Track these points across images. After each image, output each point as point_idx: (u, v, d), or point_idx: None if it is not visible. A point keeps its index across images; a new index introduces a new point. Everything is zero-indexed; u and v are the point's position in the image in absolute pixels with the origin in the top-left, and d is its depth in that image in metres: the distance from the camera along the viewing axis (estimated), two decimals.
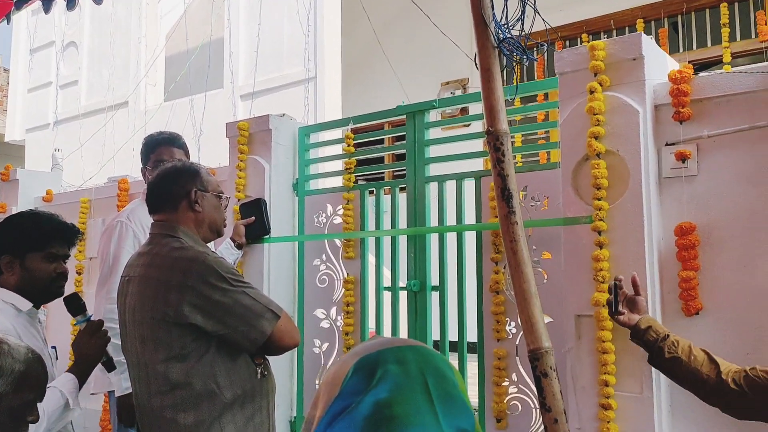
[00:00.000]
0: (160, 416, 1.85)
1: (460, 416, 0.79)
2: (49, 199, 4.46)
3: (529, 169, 2.66)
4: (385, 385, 0.77)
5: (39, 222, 2.07)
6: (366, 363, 0.80)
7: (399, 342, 0.85)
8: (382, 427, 0.73)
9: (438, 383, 0.80)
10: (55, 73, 8.49)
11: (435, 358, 0.83)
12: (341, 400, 0.78)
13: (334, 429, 0.76)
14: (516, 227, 1.81)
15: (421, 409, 0.76)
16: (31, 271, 2.02)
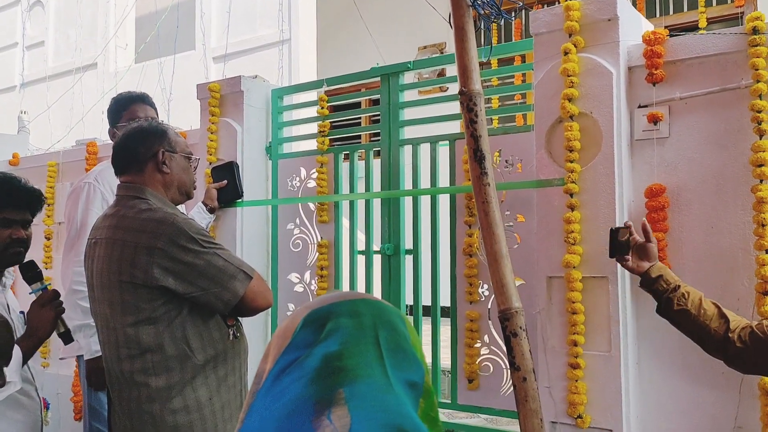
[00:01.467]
0: (131, 380, 1.84)
1: (410, 369, 0.78)
2: (16, 162, 4.36)
3: (504, 131, 2.65)
4: (336, 337, 0.76)
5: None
6: (317, 316, 0.79)
7: (352, 295, 0.84)
8: (330, 379, 0.73)
9: (389, 336, 0.79)
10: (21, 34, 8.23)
11: (388, 311, 0.82)
12: (291, 352, 0.77)
13: (283, 381, 0.75)
14: (488, 188, 1.80)
15: (371, 362, 0.75)
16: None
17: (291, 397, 0.72)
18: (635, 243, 1.93)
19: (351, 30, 6.81)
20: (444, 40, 7.09)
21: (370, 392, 0.72)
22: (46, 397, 3.46)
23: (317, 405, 0.70)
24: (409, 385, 0.76)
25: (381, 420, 0.69)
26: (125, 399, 1.85)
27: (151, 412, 1.81)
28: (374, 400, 0.71)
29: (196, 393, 1.83)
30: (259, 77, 3.35)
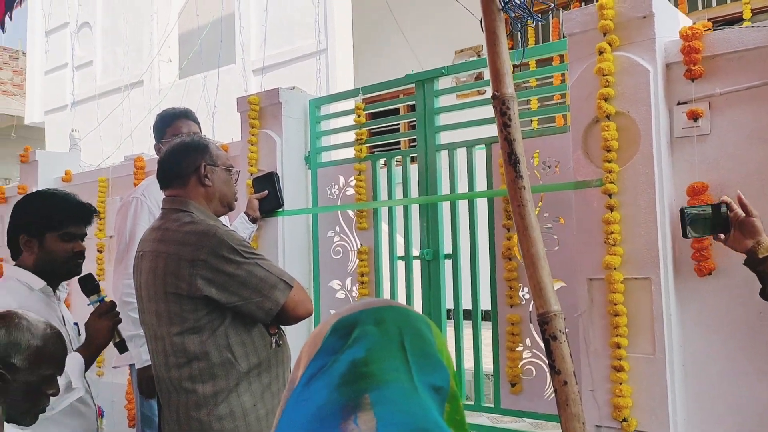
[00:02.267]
0: (179, 387, 1.90)
1: (435, 374, 0.80)
2: (68, 179, 4.53)
3: (540, 133, 2.64)
4: (362, 344, 0.78)
5: (56, 202, 2.10)
6: (344, 323, 0.82)
7: (379, 303, 0.86)
8: (357, 384, 0.75)
9: (415, 342, 0.81)
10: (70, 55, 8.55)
11: (414, 317, 0.84)
12: (319, 359, 0.79)
13: (312, 386, 0.77)
14: (523, 192, 1.80)
15: (396, 367, 0.77)
16: (49, 251, 2.04)
17: (319, 402, 0.75)
18: (737, 219, 1.75)
19: (387, 37, 6.85)
20: (481, 42, 7.06)
21: (395, 397, 0.74)
22: (101, 405, 3.58)
23: (344, 410, 0.72)
24: (434, 390, 0.78)
25: (406, 423, 0.71)
26: (174, 406, 1.91)
27: (199, 419, 1.86)
28: (400, 405, 0.73)
29: (241, 399, 1.88)
30: (296, 88, 3.42)
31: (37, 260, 2.05)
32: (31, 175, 4.61)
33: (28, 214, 2.07)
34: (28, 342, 1.55)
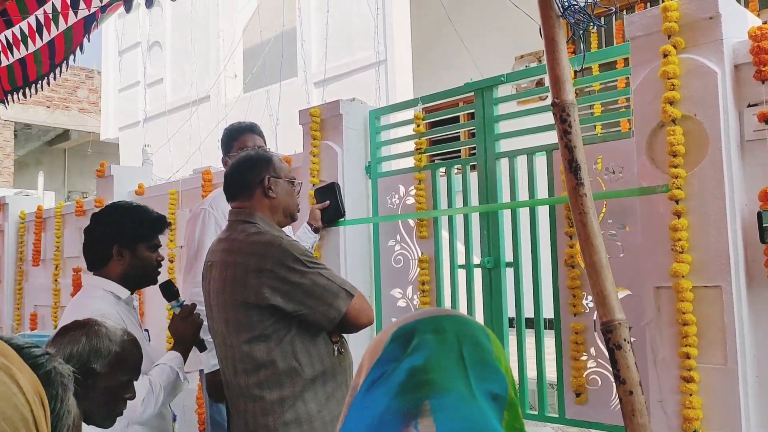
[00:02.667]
0: (247, 394, 1.96)
1: (493, 382, 0.80)
2: (141, 192, 4.73)
3: (603, 139, 2.59)
4: (421, 352, 0.80)
5: (145, 214, 2.20)
6: (403, 332, 0.84)
7: (437, 312, 0.88)
8: (416, 392, 0.76)
9: (473, 351, 0.82)
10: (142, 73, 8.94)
11: (472, 326, 0.86)
12: (379, 366, 0.82)
13: (373, 393, 0.80)
14: (585, 199, 1.78)
15: (455, 375, 0.79)
16: (140, 261, 2.13)
17: (380, 408, 0.77)
18: None
19: (446, 45, 6.86)
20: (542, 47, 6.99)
21: (454, 404, 0.75)
22: (173, 410, 3.72)
23: (404, 416, 0.74)
24: (492, 397, 0.79)
25: (466, 430, 0.72)
26: (243, 411, 1.98)
27: (266, 425, 1.91)
28: (458, 412, 0.75)
29: (307, 406, 1.92)
30: (356, 100, 3.47)
31: (126, 270, 2.13)
32: (107, 188, 4.84)
33: (123, 225, 2.14)
34: (108, 348, 1.63)
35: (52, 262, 5.42)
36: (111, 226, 2.14)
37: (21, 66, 4.14)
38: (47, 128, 15.31)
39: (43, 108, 14.48)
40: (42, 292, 5.59)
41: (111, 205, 2.27)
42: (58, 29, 3.70)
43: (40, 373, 0.68)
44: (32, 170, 15.72)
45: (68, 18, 3.54)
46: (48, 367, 0.70)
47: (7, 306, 5.93)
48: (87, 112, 15.13)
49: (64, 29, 3.68)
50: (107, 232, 2.13)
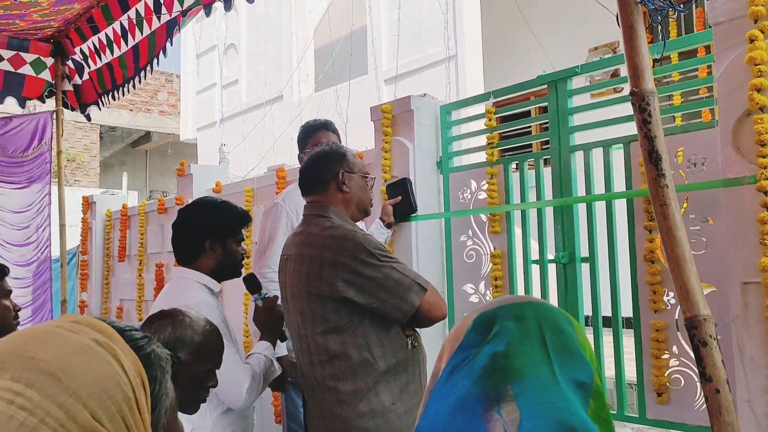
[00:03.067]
0: (323, 384, 2.00)
1: (577, 369, 0.79)
2: (218, 190, 4.89)
3: (684, 129, 2.49)
4: (502, 338, 0.80)
5: (232, 210, 2.28)
6: (484, 318, 0.84)
7: (519, 299, 0.87)
8: (498, 376, 0.76)
9: (555, 337, 0.81)
10: (218, 75, 9.23)
11: (554, 313, 0.85)
12: (460, 352, 0.82)
13: (454, 378, 0.80)
14: (666, 191, 1.72)
15: (537, 361, 0.78)
16: (230, 254, 2.21)
17: (461, 393, 0.78)
18: None
19: (517, 38, 6.76)
20: (616, 38, 6.78)
21: (537, 390, 0.75)
22: None
23: (486, 401, 0.75)
24: (577, 385, 0.78)
25: (550, 416, 0.72)
26: (318, 402, 2.02)
27: (342, 415, 1.95)
28: (542, 398, 0.74)
29: (380, 398, 1.95)
30: (427, 95, 3.48)
31: (217, 263, 2.20)
32: (187, 187, 5.03)
33: (213, 220, 2.22)
34: (191, 338, 1.70)
35: (136, 258, 5.69)
36: (202, 221, 2.21)
37: (108, 70, 4.37)
38: (130, 130, 16.06)
39: (126, 111, 15.19)
40: (127, 286, 5.87)
41: (198, 200, 2.34)
42: (143, 34, 3.88)
43: (141, 355, 0.71)
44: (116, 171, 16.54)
45: (152, 23, 3.70)
46: (148, 349, 0.73)
47: (96, 300, 6.26)
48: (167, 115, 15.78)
49: (148, 34, 3.85)
50: (198, 227, 2.20)
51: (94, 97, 4.60)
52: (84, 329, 0.68)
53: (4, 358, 0.63)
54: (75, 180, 14.20)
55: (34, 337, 0.66)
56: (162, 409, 0.72)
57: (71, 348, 0.65)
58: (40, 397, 0.60)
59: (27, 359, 0.63)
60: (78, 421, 0.61)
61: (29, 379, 0.61)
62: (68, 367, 0.63)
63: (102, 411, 0.63)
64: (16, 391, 0.60)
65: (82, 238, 6.47)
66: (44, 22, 4.18)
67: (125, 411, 0.65)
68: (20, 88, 4.48)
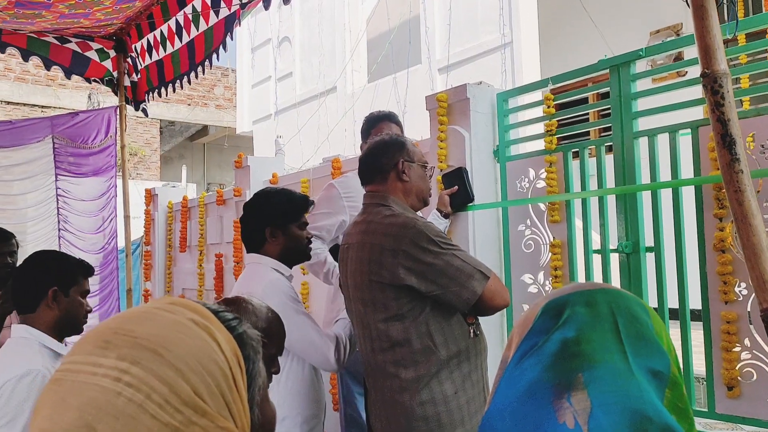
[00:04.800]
0: (384, 371, 2.01)
1: (652, 357, 0.76)
2: (275, 181, 4.95)
3: (756, 113, 2.38)
4: (573, 324, 0.78)
5: (291, 196, 2.36)
6: (555, 304, 0.82)
7: (590, 285, 0.85)
8: (569, 363, 0.74)
9: (629, 324, 0.78)
10: (273, 68, 9.34)
11: (627, 299, 0.82)
12: (530, 338, 0.80)
13: (524, 365, 0.78)
14: (741, 176, 1.65)
15: (609, 348, 0.75)
16: (293, 239, 2.29)
17: (530, 379, 0.76)
18: None
19: (574, 24, 6.59)
20: (680, 20, 6.54)
21: (609, 377, 0.72)
22: None
23: (556, 388, 0.73)
24: (651, 374, 0.75)
25: (622, 405, 0.69)
26: (380, 389, 2.03)
27: (403, 402, 1.95)
28: (614, 386, 0.72)
29: (442, 386, 1.94)
30: (483, 83, 3.43)
31: (283, 249, 2.28)
32: (244, 178, 5.11)
33: (272, 208, 2.29)
34: (255, 324, 1.72)
35: (197, 249, 5.83)
36: (258, 211, 2.29)
37: (158, 67, 4.47)
38: (188, 124, 16.46)
39: (185, 106, 15.57)
40: (188, 276, 6.03)
41: (258, 192, 2.42)
42: (198, 30, 3.95)
43: (234, 335, 0.73)
44: (176, 164, 16.99)
45: (209, 18, 3.77)
46: (240, 330, 0.75)
47: (159, 289, 6.46)
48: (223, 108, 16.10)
49: (205, 29, 3.92)
50: (256, 216, 2.29)
51: (142, 95, 4.73)
52: (181, 310, 0.71)
53: (109, 338, 0.66)
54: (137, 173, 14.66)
55: (134, 318, 0.69)
56: (256, 387, 0.74)
57: (170, 326, 0.68)
58: (145, 373, 0.63)
59: (130, 338, 0.66)
60: (181, 396, 0.63)
61: (134, 357, 0.64)
62: (168, 343, 0.66)
63: (203, 386, 0.65)
64: (122, 368, 0.63)
65: (145, 230, 6.68)
66: (107, 20, 4.31)
67: (224, 387, 0.67)
68: (85, 69, 4.66)
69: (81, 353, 0.66)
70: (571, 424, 0.70)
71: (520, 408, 0.75)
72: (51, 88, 13.62)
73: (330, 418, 4.07)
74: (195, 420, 0.63)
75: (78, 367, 0.65)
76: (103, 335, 0.67)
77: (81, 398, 0.62)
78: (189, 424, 0.63)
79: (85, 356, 0.66)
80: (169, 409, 0.62)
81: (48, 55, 4.45)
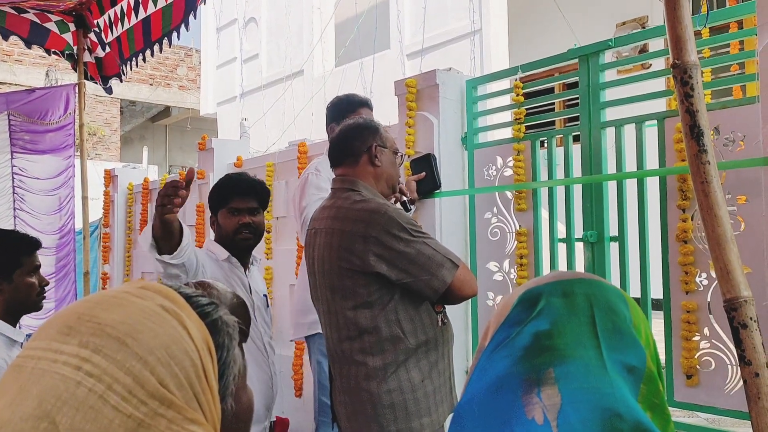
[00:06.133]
0: (350, 359, 1.98)
1: (627, 352, 0.74)
2: (240, 164, 4.87)
3: (722, 106, 2.41)
4: (547, 316, 0.76)
5: (224, 182, 2.37)
6: (530, 295, 0.80)
7: (569, 275, 0.82)
8: (540, 357, 0.72)
9: (606, 317, 0.76)
10: (239, 49, 9.17)
11: (607, 290, 0.79)
12: (504, 329, 0.78)
13: (495, 357, 0.76)
14: (708, 167, 1.66)
15: (583, 342, 0.73)
16: (221, 226, 2.32)
17: (500, 372, 0.74)
18: None
19: (543, 14, 6.62)
20: (645, 13, 6.62)
21: (581, 373, 0.71)
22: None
23: (526, 382, 0.71)
24: (626, 369, 0.73)
25: (593, 402, 0.68)
26: (345, 376, 2.00)
27: (369, 390, 1.93)
28: (585, 382, 0.70)
29: (410, 375, 1.93)
30: (453, 69, 3.41)
31: (216, 234, 2.33)
32: (208, 161, 5.02)
33: (210, 196, 2.38)
34: None
35: None
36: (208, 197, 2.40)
37: (117, 44, 4.33)
38: (150, 105, 16.09)
39: (146, 86, 15.20)
40: (148, 259, 5.87)
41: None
42: (156, 6, 3.82)
43: (207, 322, 0.70)
44: (137, 145, 16.62)
45: None
46: (215, 316, 0.71)
47: (118, 272, 6.32)
48: (186, 89, 15.77)
49: (163, 6, 3.79)
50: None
51: (116, 69, 4.57)
52: (151, 295, 0.68)
53: (72, 324, 0.63)
54: (96, 154, 14.29)
55: (101, 302, 0.66)
56: (230, 376, 0.71)
57: (138, 314, 0.65)
58: (107, 363, 0.60)
59: (94, 324, 0.63)
60: (146, 387, 0.60)
61: (96, 345, 0.61)
62: (135, 332, 0.63)
63: (170, 377, 0.62)
64: (83, 357, 0.60)
65: (104, 211, 6.51)
66: None
67: (192, 378, 0.64)
68: (44, 39, 4.48)
69: (43, 339, 0.63)
70: (540, 420, 0.68)
71: (489, 401, 0.73)
72: (7, 64, 13.15)
73: (291, 402, 4.04)
74: (161, 412, 0.61)
75: (39, 353, 0.62)
76: (67, 320, 0.64)
77: (40, 386, 0.59)
78: (154, 416, 0.60)
79: (47, 342, 0.63)
80: (133, 400, 0.59)
81: (4, 24, 4.25)
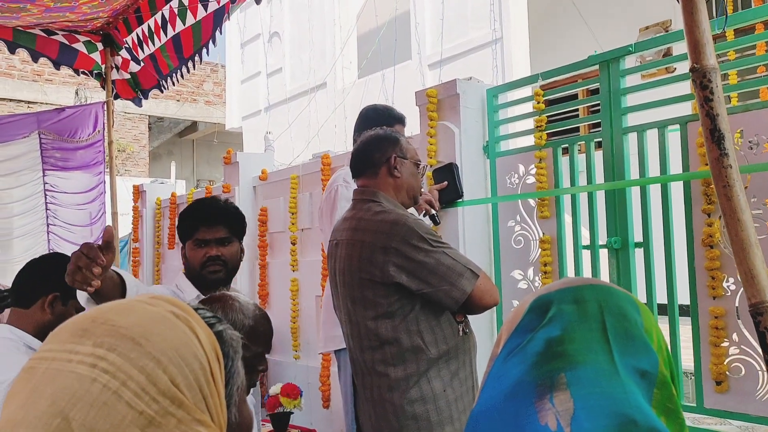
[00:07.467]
0: (373, 370, 2.00)
1: (639, 357, 0.75)
2: (264, 177, 4.92)
3: (745, 109, 2.39)
4: (558, 323, 0.76)
5: (186, 211, 2.10)
6: (541, 302, 0.80)
7: (580, 281, 0.83)
8: (552, 363, 0.73)
9: (617, 322, 0.76)
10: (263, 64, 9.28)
11: (618, 296, 0.80)
12: (516, 336, 0.79)
13: (508, 364, 0.77)
14: (729, 171, 1.64)
15: (594, 348, 0.74)
16: (188, 260, 2.04)
17: (513, 379, 0.75)
18: None
19: (564, 21, 6.60)
20: (668, 17, 6.56)
21: (592, 378, 0.71)
22: (299, 386, 3.87)
23: (539, 388, 0.72)
24: (639, 374, 0.73)
25: (606, 407, 0.68)
26: (368, 387, 2.02)
27: (392, 401, 1.94)
28: (598, 387, 0.70)
29: (431, 385, 1.93)
30: (473, 78, 3.42)
31: (185, 268, 2.07)
32: (233, 175, 5.08)
33: (177, 225, 2.11)
34: (242, 322, 1.71)
35: None
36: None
37: (152, 61, 4.42)
38: (177, 120, 16.35)
39: (174, 101, 15.46)
40: (177, 273, 5.96)
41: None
42: (185, 24, 3.90)
43: (213, 332, 0.72)
44: (165, 160, 16.88)
45: (197, 12, 3.73)
46: (219, 328, 0.74)
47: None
48: (212, 104, 16.01)
49: (193, 23, 3.87)
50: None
51: (154, 80, 4.63)
52: (161, 303, 0.71)
53: (87, 326, 0.65)
54: (125, 170, 14.55)
55: (114, 308, 0.68)
56: (234, 386, 0.73)
57: (150, 318, 0.67)
58: (122, 360, 0.62)
59: (109, 327, 0.65)
60: (158, 386, 0.62)
61: (111, 344, 0.63)
62: (148, 333, 0.65)
63: (181, 377, 0.64)
64: (98, 355, 0.62)
65: (133, 226, 6.63)
66: (93, 13, 4.26)
67: (202, 380, 0.66)
68: (73, 60, 4.60)
69: (57, 341, 0.65)
70: (554, 426, 0.69)
71: (504, 408, 0.74)
72: (37, 84, 13.49)
73: (320, 413, 4.06)
74: (171, 411, 0.62)
75: (53, 354, 0.64)
76: (81, 324, 0.66)
77: (54, 386, 0.60)
78: (165, 414, 0.62)
79: (61, 344, 0.64)
80: (146, 398, 0.61)
81: (35, 46, 4.38)
